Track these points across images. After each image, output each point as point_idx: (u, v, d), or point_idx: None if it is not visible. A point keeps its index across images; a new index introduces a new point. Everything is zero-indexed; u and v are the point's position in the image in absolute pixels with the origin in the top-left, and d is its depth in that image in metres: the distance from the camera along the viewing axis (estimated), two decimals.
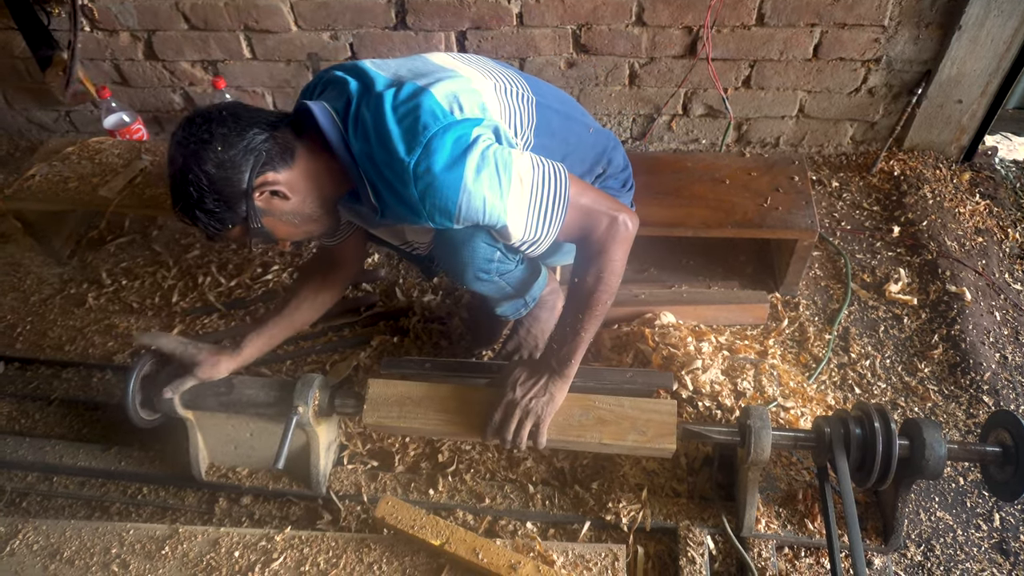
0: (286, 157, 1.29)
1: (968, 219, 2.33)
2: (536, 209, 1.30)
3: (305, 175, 1.32)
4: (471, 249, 1.42)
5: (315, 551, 1.50)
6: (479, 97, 1.31)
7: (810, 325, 2.07)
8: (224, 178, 1.23)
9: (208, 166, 1.22)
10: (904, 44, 2.27)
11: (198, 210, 1.26)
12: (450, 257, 1.47)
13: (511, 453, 1.73)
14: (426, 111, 1.24)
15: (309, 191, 1.33)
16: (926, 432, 1.37)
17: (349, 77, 1.33)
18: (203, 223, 1.28)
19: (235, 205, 1.26)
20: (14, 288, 2.32)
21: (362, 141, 1.27)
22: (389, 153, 1.23)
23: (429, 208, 1.25)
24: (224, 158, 1.23)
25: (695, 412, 1.70)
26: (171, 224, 2.49)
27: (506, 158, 1.26)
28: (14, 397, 1.96)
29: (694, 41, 2.32)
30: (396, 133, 1.23)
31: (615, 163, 1.65)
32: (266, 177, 1.27)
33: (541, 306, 1.79)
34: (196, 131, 1.23)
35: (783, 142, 2.62)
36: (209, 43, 2.49)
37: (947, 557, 1.59)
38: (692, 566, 1.49)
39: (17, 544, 1.54)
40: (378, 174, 1.27)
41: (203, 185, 1.23)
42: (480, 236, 1.39)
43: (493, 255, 1.44)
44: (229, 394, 1.58)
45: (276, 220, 1.33)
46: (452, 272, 1.53)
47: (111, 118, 2.54)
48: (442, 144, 1.22)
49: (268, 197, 1.29)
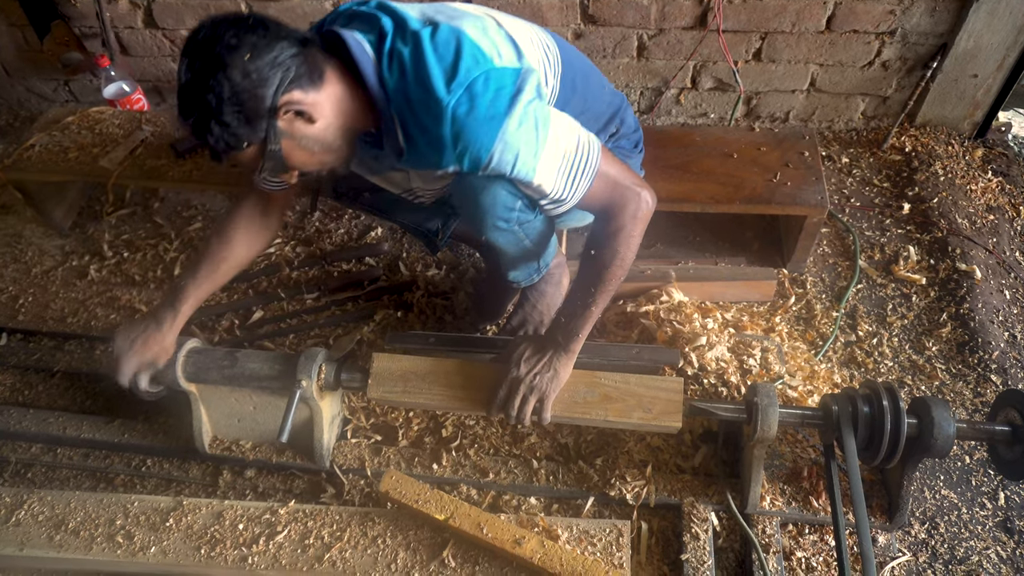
0: (315, 78, 1.21)
1: (980, 196, 2.30)
2: (565, 171, 1.29)
3: (332, 100, 1.25)
4: (492, 195, 1.37)
5: (319, 524, 1.50)
6: (516, 45, 1.29)
7: (817, 302, 2.05)
8: (249, 90, 1.14)
9: (234, 74, 1.12)
10: (920, 16, 2.22)
11: (214, 121, 1.15)
12: (469, 203, 1.41)
13: (515, 428, 1.73)
14: (467, 54, 1.21)
15: (334, 118, 1.26)
16: (935, 411, 1.36)
17: (378, 12, 1.28)
18: (215, 138, 1.17)
19: (256, 121, 1.17)
20: (15, 260, 2.31)
21: (398, 76, 1.23)
22: (427, 91, 1.20)
23: (460, 151, 1.22)
24: (251, 68, 1.13)
25: (700, 389, 1.69)
26: (172, 196, 2.47)
27: (545, 115, 1.25)
28: (17, 369, 1.96)
29: (704, 12, 2.27)
30: (436, 72, 1.20)
31: (627, 123, 1.64)
32: (292, 95, 1.18)
33: (547, 280, 1.77)
34: (223, 34, 1.12)
35: (793, 116, 2.58)
36: (210, 10, 2.44)
37: (951, 535, 1.58)
38: (696, 542, 1.49)
39: (22, 514, 1.54)
40: (411, 112, 1.24)
41: (225, 94, 1.12)
42: (502, 183, 1.35)
43: (515, 204, 1.40)
44: (232, 367, 1.57)
45: (295, 145, 1.24)
46: (471, 219, 1.47)
47: (111, 88, 2.51)
48: (484, 89, 1.19)
49: (292, 118, 1.21)
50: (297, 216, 2.36)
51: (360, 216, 2.34)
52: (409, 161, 1.33)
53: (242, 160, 1.24)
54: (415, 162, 1.33)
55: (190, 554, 1.47)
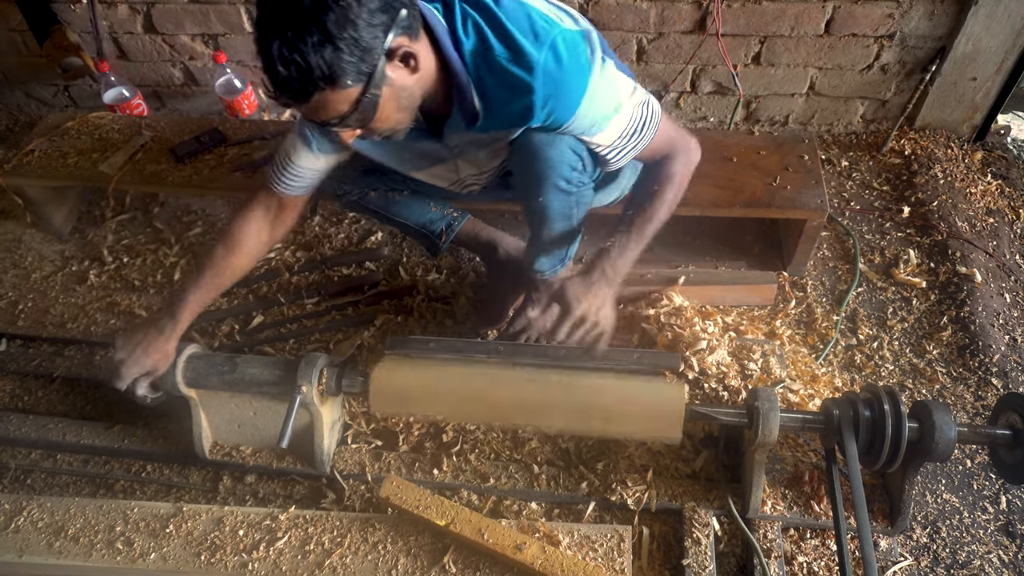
0: (417, 29, 1.20)
1: (979, 199, 2.30)
2: (634, 125, 1.39)
3: (424, 56, 1.23)
4: (559, 152, 1.39)
5: (320, 530, 1.50)
6: (568, 12, 1.33)
7: (818, 306, 2.05)
8: (370, 23, 1.08)
9: (358, 2, 1.07)
10: (919, 20, 2.22)
11: (329, 47, 1.06)
12: (534, 162, 1.40)
13: (516, 433, 1.72)
14: (537, 17, 1.25)
15: (423, 74, 1.23)
16: (936, 414, 1.35)
17: None
18: (324, 64, 1.08)
19: (368, 59, 1.11)
20: (15, 265, 2.30)
21: (475, 39, 1.25)
22: (513, 49, 1.22)
23: (549, 108, 1.27)
24: (374, 5, 1.09)
25: (701, 393, 1.69)
26: (172, 201, 2.46)
27: (614, 74, 1.34)
28: (16, 374, 1.95)
29: (704, 16, 2.27)
30: (516, 32, 1.22)
31: None
32: (403, 40, 1.16)
33: (552, 282, 1.77)
34: None
35: (792, 120, 2.58)
36: (209, 16, 2.44)
37: (953, 539, 1.58)
38: (697, 547, 1.48)
39: (22, 521, 1.54)
40: (491, 72, 1.25)
41: (349, 18, 1.06)
42: (568, 141, 1.38)
43: (577, 164, 1.43)
44: (232, 373, 1.57)
45: (392, 95, 1.19)
46: (533, 181, 1.45)
47: (111, 92, 2.51)
48: (565, 48, 1.23)
49: (398, 64, 1.17)
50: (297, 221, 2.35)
51: (360, 220, 2.34)
52: (483, 126, 1.34)
53: (327, 104, 1.15)
54: (490, 125, 1.34)
55: (190, 560, 1.47)
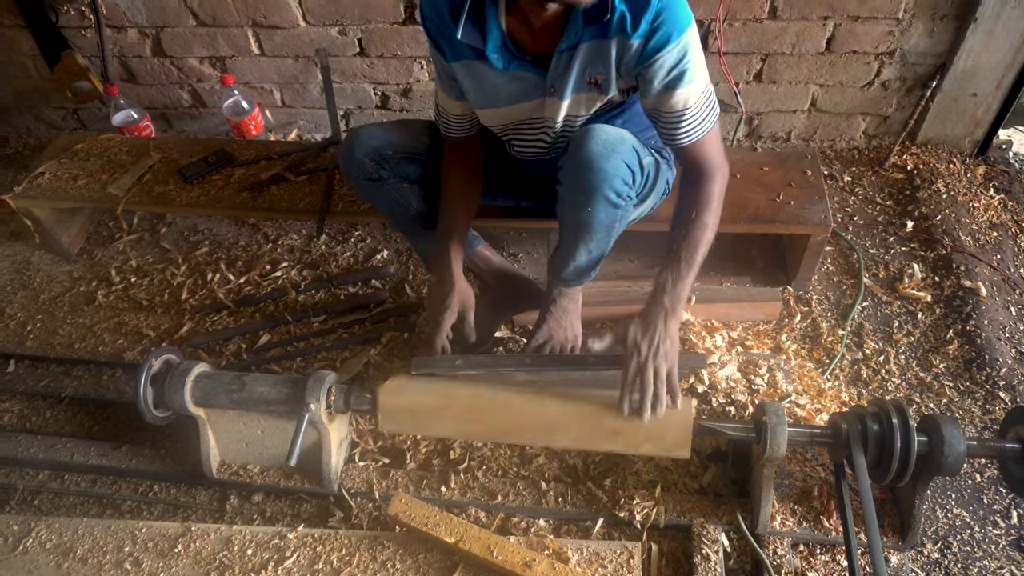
0: None
1: (982, 213, 2.31)
2: (707, 98, 1.43)
3: None
4: (614, 165, 1.44)
5: (328, 549, 1.49)
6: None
7: (823, 321, 2.05)
8: None
9: None
10: (918, 37, 2.24)
11: None
12: (587, 173, 1.45)
13: (523, 450, 1.72)
14: None
15: None
16: (945, 428, 1.35)
17: None
18: None
19: None
20: (24, 286, 2.32)
21: None
22: None
23: (657, 23, 1.30)
24: None
25: (708, 408, 1.69)
26: (179, 221, 2.48)
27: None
28: (25, 395, 1.96)
29: (706, 35, 2.30)
30: None
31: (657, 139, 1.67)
32: None
33: (571, 298, 1.77)
34: None
35: (795, 136, 2.60)
36: (217, 39, 2.48)
37: (964, 554, 1.57)
38: (707, 564, 1.48)
39: (30, 542, 1.53)
40: None
41: None
42: (622, 152, 1.43)
43: (629, 178, 1.48)
44: (241, 391, 1.57)
45: None
46: (583, 190, 1.48)
47: (119, 115, 2.54)
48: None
49: None
50: (303, 240, 2.37)
51: (366, 239, 2.35)
52: (588, 32, 1.36)
53: None
54: (595, 34, 1.36)
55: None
